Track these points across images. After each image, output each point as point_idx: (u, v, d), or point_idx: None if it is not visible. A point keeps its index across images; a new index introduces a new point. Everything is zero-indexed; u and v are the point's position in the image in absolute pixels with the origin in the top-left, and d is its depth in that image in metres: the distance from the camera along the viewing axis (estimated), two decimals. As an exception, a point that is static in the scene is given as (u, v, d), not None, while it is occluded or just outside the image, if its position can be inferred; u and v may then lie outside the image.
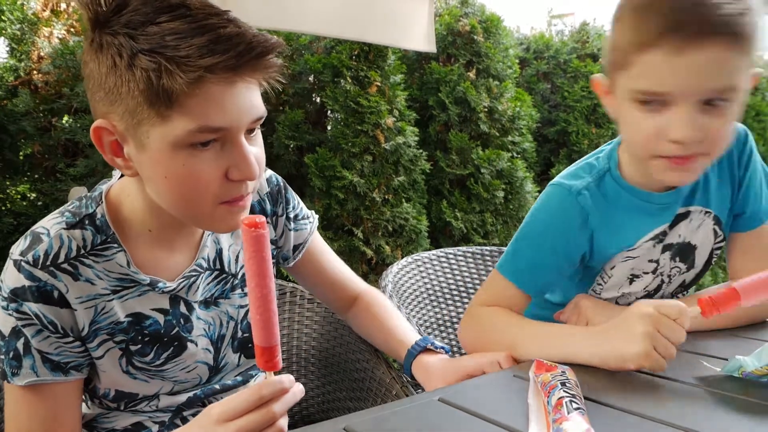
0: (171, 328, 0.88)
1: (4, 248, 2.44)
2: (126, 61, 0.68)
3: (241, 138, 0.74)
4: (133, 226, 0.84)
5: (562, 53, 3.58)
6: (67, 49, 2.42)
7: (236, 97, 0.72)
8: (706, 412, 0.70)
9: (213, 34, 0.68)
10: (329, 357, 1.36)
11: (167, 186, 0.75)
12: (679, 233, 1.00)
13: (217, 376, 0.97)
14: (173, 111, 0.69)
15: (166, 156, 0.72)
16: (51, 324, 0.78)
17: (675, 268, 1.04)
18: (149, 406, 0.90)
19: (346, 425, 0.68)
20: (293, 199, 1.06)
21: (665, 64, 0.79)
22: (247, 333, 0.99)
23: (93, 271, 0.81)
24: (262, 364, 0.70)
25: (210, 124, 0.71)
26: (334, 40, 2.74)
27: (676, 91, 0.80)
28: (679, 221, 0.99)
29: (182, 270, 0.89)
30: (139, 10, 0.69)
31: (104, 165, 2.41)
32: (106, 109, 0.73)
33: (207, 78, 0.68)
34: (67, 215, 0.82)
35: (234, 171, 0.74)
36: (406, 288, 1.68)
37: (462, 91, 2.90)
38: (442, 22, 3.02)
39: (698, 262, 1.05)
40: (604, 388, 0.77)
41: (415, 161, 2.79)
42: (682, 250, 1.02)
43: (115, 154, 0.76)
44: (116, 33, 0.69)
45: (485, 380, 0.85)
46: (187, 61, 0.67)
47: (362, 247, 2.62)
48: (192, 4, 0.70)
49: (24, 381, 0.79)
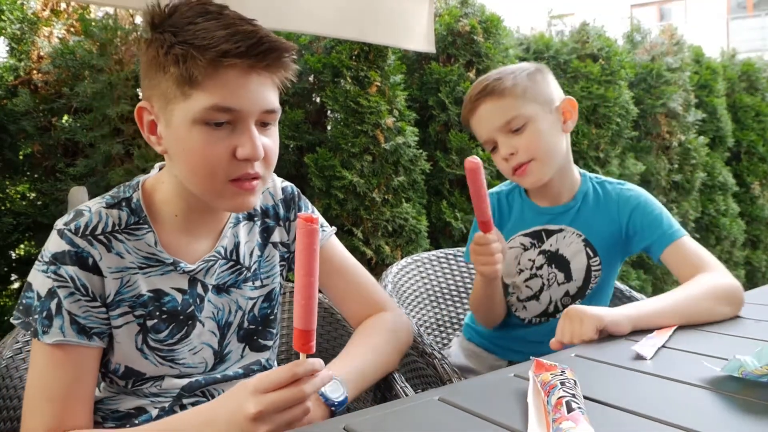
0: (187, 306, 0.97)
1: (3, 248, 2.44)
2: (165, 50, 0.84)
3: (251, 123, 0.87)
4: (162, 211, 0.96)
5: (562, 53, 3.58)
6: (67, 49, 2.42)
7: (249, 85, 0.85)
8: (706, 412, 0.70)
9: (233, 29, 0.83)
10: (329, 357, 1.36)
11: (184, 159, 0.87)
12: (551, 243, 1.33)
13: (221, 366, 1.02)
14: (194, 90, 0.83)
15: (185, 131, 0.85)
16: (83, 287, 0.88)
17: (552, 274, 1.34)
18: (154, 387, 0.96)
19: (346, 425, 0.68)
20: (305, 207, 1.13)
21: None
22: (253, 325, 1.06)
23: (124, 246, 0.92)
24: (299, 346, 0.77)
25: (223, 103, 0.84)
26: (334, 40, 2.74)
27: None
28: (553, 234, 1.33)
29: (202, 255, 0.99)
30: (184, 14, 0.85)
31: (104, 165, 2.40)
32: (149, 93, 0.89)
33: (222, 63, 0.82)
34: (108, 198, 0.94)
35: (240, 150, 0.86)
36: (405, 288, 1.68)
37: (462, 92, 2.90)
38: (442, 22, 3.02)
39: (576, 276, 1.33)
40: (604, 388, 0.77)
41: (415, 161, 2.79)
42: (556, 259, 1.33)
43: (152, 132, 0.91)
44: (164, 31, 0.85)
45: (485, 380, 0.85)
46: (207, 47, 0.81)
47: (362, 248, 2.62)
48: (226, 12, 0.86)
49: (52, 339, 0.86)
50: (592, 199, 1.33)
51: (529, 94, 1.24)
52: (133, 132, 2.46)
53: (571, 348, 0.97)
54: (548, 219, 1.34)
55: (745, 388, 0.75)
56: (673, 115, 3.89)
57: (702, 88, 4.25)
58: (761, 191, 4.64)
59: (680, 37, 4.11)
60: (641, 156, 3.80)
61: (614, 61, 3.50)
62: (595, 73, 3.42)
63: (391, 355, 1.09)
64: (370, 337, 1.08)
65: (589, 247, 1.32)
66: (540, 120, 1.24)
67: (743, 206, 4.56)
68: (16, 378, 1.08)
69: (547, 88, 1.28)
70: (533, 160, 1.24)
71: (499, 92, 1.24)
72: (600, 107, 3.43)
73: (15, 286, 2.54)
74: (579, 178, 1.35)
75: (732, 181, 4.37)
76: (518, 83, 1.25)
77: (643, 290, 3.67)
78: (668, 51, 3.96)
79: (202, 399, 1.00)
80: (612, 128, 3.45)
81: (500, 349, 1.44)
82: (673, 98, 3.79)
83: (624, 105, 3.50)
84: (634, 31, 4.14)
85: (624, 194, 1.31)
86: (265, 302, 1.07)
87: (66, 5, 2.57)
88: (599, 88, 3.42)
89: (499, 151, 1.27)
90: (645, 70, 3.84)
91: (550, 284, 1.35)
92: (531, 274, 1.35)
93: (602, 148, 3.44)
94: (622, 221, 1.29)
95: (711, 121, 4.26)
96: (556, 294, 1.35)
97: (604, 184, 1.35)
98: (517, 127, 1.24)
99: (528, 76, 1.27)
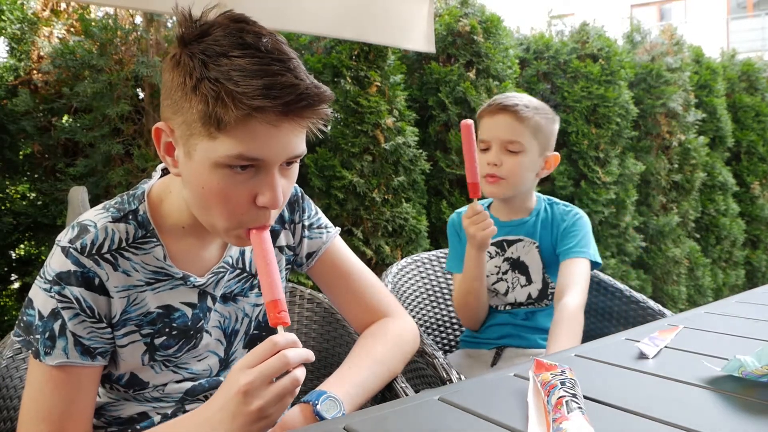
0: (197, 320, 0.96)
1: (3, 248, 2.44)
2: (193, 82, 0.77)
3: (275, 170, 0.82)
4: (169, 223, 0.92)
5: (562, 53, 3.58)
6: (67, 49, 2.41)
7: (279, 137, 0.79)
8: (706, 412, 0.70)
9: (270, 79, 0.75)
10: (329, 357, 1.36)
11: (201, 195, 0.83)
12: (513, 251, 1.54)
13: (225, 371, 1.02)
14: (221, 134, 0.78)
15: (207, 170, 0.80)
16: (89, 308, 0.85)
17: (515, 279, 1.53)
18: (156, 391, 0.95)
19: (346, 425, 0.68)
20: (309, 209, 1.11)
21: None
22: (257, 331, 1.05)
23: (131, 264, 0.89)
24: (273, 319, 0.79)
25: (249, 154, 0.78)
26: (334, 40, 2.74)
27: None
28: (513, 243, 1.53)
29: (210, 266, 0.97)
30: (219, 41, 0.78)
31: (104, 165, 2.40)
32: (169, 116, 0.83)
33: (254, 117, 0.76)
34: (113, 211, 0.90)
35: (260, 198, 0.82)
36: (406, 288, 1.68)
37: (462, 92, 2.90)
38: (442, 22, 3.02)
39: (534, 279, 1.52)
40: (604, 388, 0.77)
41: (415, 161, 2.79)
42: (517, 264, 1.54)
43: (168, 153, 0.86)
44: (194, 56, 0.78)
45: (485, 380, 0.85)
46: (242, 98, 0.75)
47: (362, 248, 2.62)
48: (264, 45, 0.78)
49: (55, 361, 0.84)
50: (542, 215, 1.54)
51: (537, 133, 1.44)
52: (133, 132, 2.46)
53: (571, 348, 0.97)
54: (507, 231, 1.53)
55: (745, 388, 0.75)
56: (673, 115, 3.89)
57: (702, 88, 4.25)
58: (761, 191, 4.63)
59: (680, 37, 4.11)
60: (641, 156, 3.80)
61: (614, 61, 3.50)
62: (595, 73, 3.42)
63: (395, 364, 1.06)
64: (374, 346, 1.05)
65: (542, 254, 1.52)
66: (530, 156, 1.44)
67: (743, 206, 4.56)
68: (17, 378, 1.08)
69: (551, 137, 1.48)
70: (506, 179, 1.45)
71: (521, 116, 1.42)
72: (600, 107, 3.43)
73: (15, 286, 2.54)
74: (535, 200, 1.57)
75: (732, 181, 4.37)
76: (538, 121, 1.44)
77: (643, 290, 3.68)
78: (668, 51, 3.96)
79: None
80: (612, 128, 3.45)
81: (484, 339, 1.58)
82: (673, 98, 3.79)
83: (624, 105, 3.50)
84: (634, 31, 4.14)
85: (564, 213, 1.53)
86: None
87: (66, 5, 2.57)
88: (599, 88, 3.42)
89: (488, 156, 1.45)
90: (645, 70, 3.84)
91: (514, 287, 1.53)
92: (497, 278, 1.54)
93: (602, 148, 3.44)
94: (558, 233, 1.51)
95: (711, 121, 4.25)
96: (521, 296, 1.53)
97: (553, 205, 1.56)
98: (513, 149, 1.43)
99: (546, 119, 1.46)
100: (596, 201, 3.36)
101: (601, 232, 3.44)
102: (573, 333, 1.28)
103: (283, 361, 0.75)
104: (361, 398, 0.96)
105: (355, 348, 1.06)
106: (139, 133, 2.48)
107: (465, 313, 1.54)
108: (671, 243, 3.87)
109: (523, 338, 1.51)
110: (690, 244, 4.02)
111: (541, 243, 1.52)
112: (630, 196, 3.54)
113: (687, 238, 4.05)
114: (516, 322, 1.53)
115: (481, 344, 1.56)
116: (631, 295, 1.59)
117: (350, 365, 1.01)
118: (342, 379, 0.96)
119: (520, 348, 1.50)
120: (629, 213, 3.56)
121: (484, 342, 1.55)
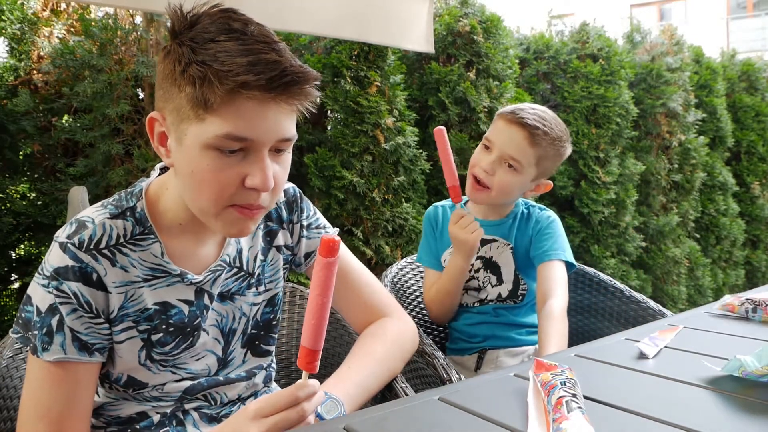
0: (194, 318, 0.95)
1: (3, 248, 2.44)
2: (182, 67, 0.79)
3: (264, 152, 0.82)
4: (167, 220, 0.93)
5: (562, 53, 3.58)
6: (67, 49, 2.41)
7: (265, 115, 0.80)
8: (706, 412, 0.70)
9: (255, 57, 0.77)
10: (329, 357, 1.36)
11: (191, 180, 0.83)
12: (486, 251, 1.54)
13: (224, 370, 1.02)
14: (209, 114, 0.79)
15: (197, 154, 0.81)
16: (86, 303, 0.85)
17: (487, 278, 1.54)
18: (155, 391, 0.95)
19: (346, 425, 0.68)
20: (308, 209, 1.11)
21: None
22: (255, 330, 1.05)
23: (128, 260, 0.89)
24: (303, 364, 0.78)
25: (237, 133, 0.79)
26: (333, 40, 2.74)
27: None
28: (488, 243, 1.53)
29: (208, 264, 0.97)
30: (207, 28, 0.80)
31: (104, 165, 2.40)
32: (162, 104, 0.85)
33: (240, 93, 0.77)
34: (111, 207, 0.90)
35: (250, 179, 0.82)
36: (405, 288, 1.68)
37: (462, 92, 2.90)
38: (442, 22, 3.02)
39: (506, 279, 1.53)
40: (604, 388, 0.77)
41: (415, 161, 2.79)
42: (489, 264, 1.54)
43: (161, 143, 0.87)
44: (183, 43, 0.80)
45: (485, 380, 0.85)
46: (227, 75, 0.76)
47: (362, 247, 2.62)
48: (250, 30, 0.80)
49: (52, 357, 0.84)
50: (519, 218, 1.55)
51: (541, 162, 1.43)
52: (133, 132, 2.46)
53: (571, 348, 0.97)
54: (484, 230, 1.50)
55: (745, 388, 0.75)
56: (673, 115, 3.89)
57: (702, 88, 4.25)
58: (761, 191, 4.64)
59: (680, 38, 4.11)
60: (641, 156, 3.80)
61: (614, 61, 3.50)
62: (595, 73, 3.42)
63: (395, 364, 1.07)
64: (373, 346, 1.05)
65: (515, 255, 1.53)
66: (524, 177, 1.43)
67: (743, 206, 4.56)
68: (17, 378, 1.08)
69: (551, 167, 1.48)
70: (492, 190, 1.44)
71: (534, 141, 1.40)
72: (600, 107, 3.43)
73: (15, 286, 2.54)
74: (514, 203, 1.58)
75: (732, 181, 4.38)
76: (547, 151, 1.42)
77: (643, 290, 3.68)
78: (668, 51, 3.96)
79: (204, 403, 0.99)
80: (612, 128, 3.45)
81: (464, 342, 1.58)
82: (673, 98, 3.79)
83: (624, 105, 3.50)
84: (634, 31, 4.14)
85: (539, 216, 1.53)
86: (268, 307, 1.06)
87: (66, 5, 2.57)
88: (599, 88, 3.42)
89: (487, 157, 1.44)
90: (645, 70, 3.84)
91: (484, 286, 1.54)
92: (470, 276, 1.55)
93: (602, 148, 3.44)
94: (532, 235, 1.51)
95: (711, 121, 4.26)
96: (492, 295, 1.54)
97: (530, 208, 1.57)
98: (512, 165, 1.42)
99: (556, 152, 1.44)
100: (596, 201, 3.36)
101: (601, 232, 3.44)
102: (561, 334, 1.29)
103: (301, 415, 0.77)
104: (362, 398, 0.97)
105: (354, 348, 1.06)
106: (139, 133, 2.48)
107: (438, 309, 1.56)
108: (671, 243, 3.87)
109: (500, 337, 1.51)
110: (690, 244, 4.02)
111: (515, 245, 1.53)
112: (630, 196, 3.54)
113: (687, 238, 4.05)
114: (489, 320, 1.53)
115: (464, 351, 1.55)
116: (631, 295, 1.59)
117: (350, 365, 1.01)
118: (342, 379, 0.97)
119: (502, 348, 1.50)
120: (629, 213, 3.56)
121: (467, 348, 1.55)
